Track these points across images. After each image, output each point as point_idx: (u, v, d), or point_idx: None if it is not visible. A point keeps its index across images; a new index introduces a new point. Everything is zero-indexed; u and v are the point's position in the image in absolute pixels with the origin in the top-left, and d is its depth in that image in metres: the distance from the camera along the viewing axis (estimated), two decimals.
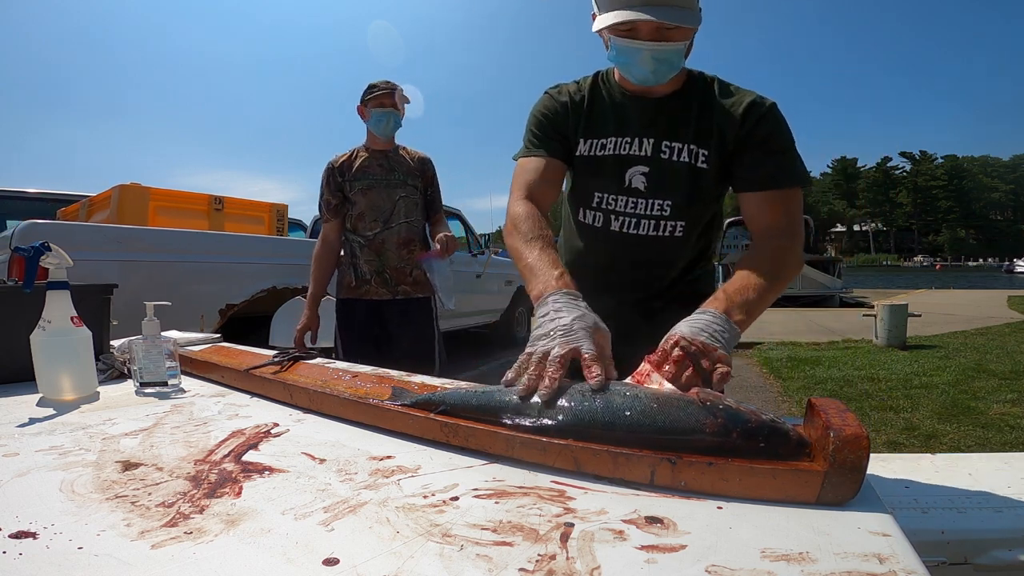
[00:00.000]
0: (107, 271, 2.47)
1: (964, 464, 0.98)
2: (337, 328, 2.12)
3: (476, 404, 0.63)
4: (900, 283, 25.20)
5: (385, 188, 2.05)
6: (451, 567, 0.38)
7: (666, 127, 0.98)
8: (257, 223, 4.14)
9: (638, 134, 0.99)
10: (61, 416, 0.79)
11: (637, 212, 1.02)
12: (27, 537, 0.43)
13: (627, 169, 1.00)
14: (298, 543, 0.42)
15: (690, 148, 0.97)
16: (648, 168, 0.99)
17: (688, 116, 0.97)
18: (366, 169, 2.06)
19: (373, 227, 2.04)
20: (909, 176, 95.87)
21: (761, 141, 0.93)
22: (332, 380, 0.84)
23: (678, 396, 0.57)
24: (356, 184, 2.05)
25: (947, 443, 2.75)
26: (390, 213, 2.05)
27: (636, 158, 0.99)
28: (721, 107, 0.95)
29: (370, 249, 2.04)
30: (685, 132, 0.97)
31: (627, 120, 0.99)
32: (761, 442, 0.50)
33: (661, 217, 1.02)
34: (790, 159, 0.93)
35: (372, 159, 2.07)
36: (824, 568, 0.37)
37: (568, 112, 1.03)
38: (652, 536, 0.42)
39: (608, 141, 1.00)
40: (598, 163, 1.02)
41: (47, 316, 0.88)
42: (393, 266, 2.05)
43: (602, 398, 0.57)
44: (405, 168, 2.10)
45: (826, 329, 7.25)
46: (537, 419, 0.58)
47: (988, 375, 4.15)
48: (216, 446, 0.65)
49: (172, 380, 0.96)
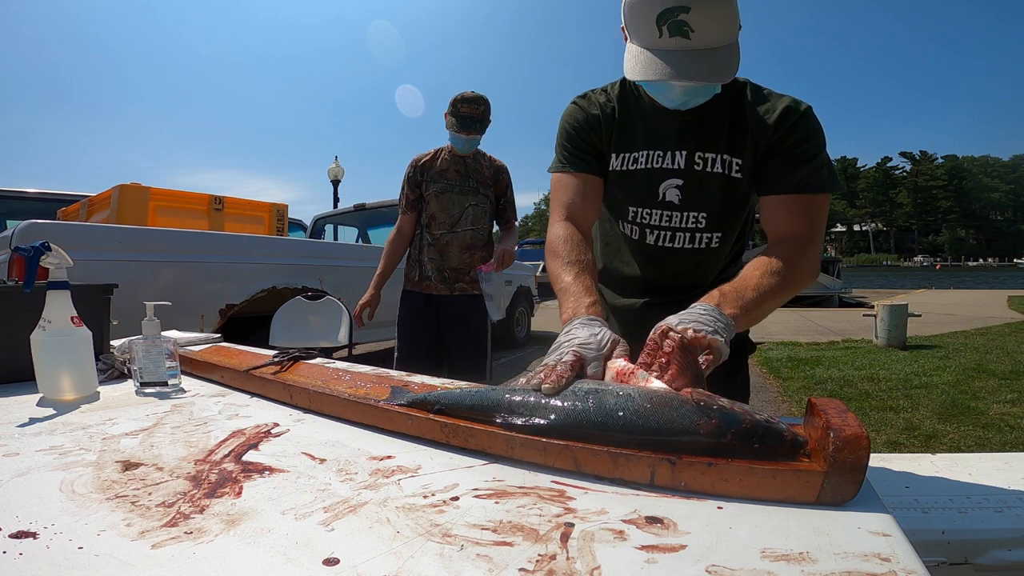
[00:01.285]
0: (107, 271, 2.47)
1: (964, 464, 0.98)
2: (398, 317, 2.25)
3: (470, 403, 0.63)
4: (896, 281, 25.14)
5: (458, 194, 2.16)
6: (451, 567, 0.38)
7: (699, 138, 0.94)
8: (257, 223, 4.14)
9: (670, 147, 0.96)
10: (61, 416, 0.79)
11: (672, 225, 1.00)
12: (27, 537, 0.43)
13: (660, 183, 0.98)
14: (298, 543, 0.41)
15: (724, 158, 0.94)
16: (682, 181, 0.96)
17: (721, 125, 0.94)
18: (443, 172, 2.17)
19: (441, 228, 2.16)
20: (909, 176, 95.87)
21: (791, 147, 0.90)
22: (332, 380, 0.84)
23: (672, 395, 0.56)
24: (432, 186, 2.16)
25: (947, 443, 2.76)
26: (458, 218, 2.16)
27: (669, 171, 0.96)
28: (755, 114, 0.92)
29: (435, 248, 2.17)
30: (718, 142, 0.94)
31: (659, 133, 0.97)
32: (756, 442, 0.50)
33: (696, 229, 1.00)
34: (819, 164, 0.90)
35: (452, 163, 2.18)
36: (824, 568, 0.37)
37: (600, 124, 1.00)
38: (652, 536, 0.42)
39: (640, 155, 0.98)
40: (631, 177, 0.99)
41: (47, 316, 0.88)
42: (453, 267, 2.17)
43: (595, 398, 0.57)
44: (479, 176, 2.20)
45: (826, 329, 7.26)
46: (529, 418, 0.58)
47: (988, 375, 4.15)
48: (216, 446, 0.65)
49: (172, 380, 0.96)
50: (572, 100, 1.04)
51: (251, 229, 4.00)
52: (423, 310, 2.20)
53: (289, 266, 3.53)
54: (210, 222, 3.73)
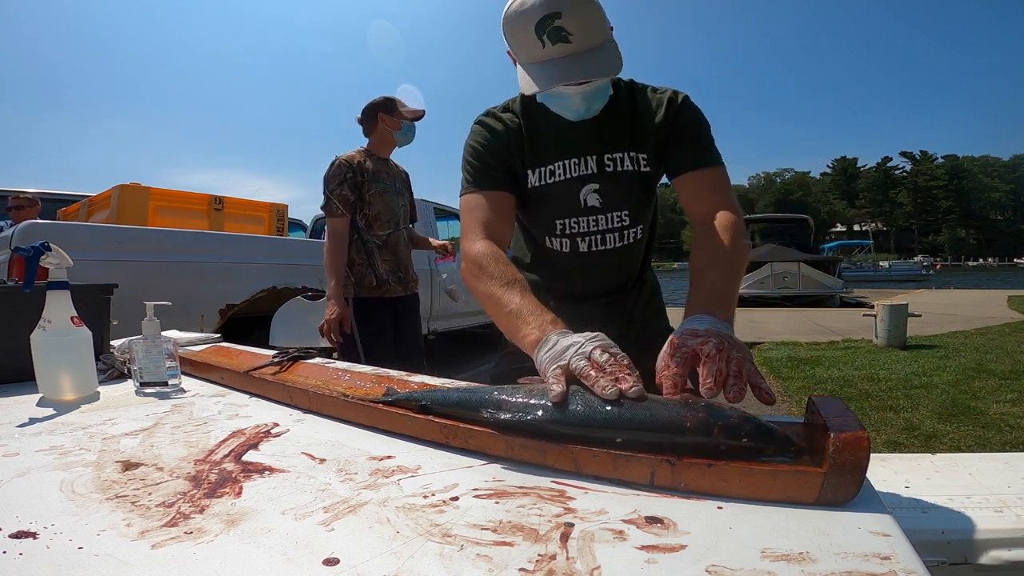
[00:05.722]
0: (107, 271, 2.47)
1: (964, 464, 0.99)
2: (356, 327, 2.16)
3: (456, 400, 0.64)
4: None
5: (394, 194, 2.23)
6: (451, 567, 0.38)
7: (605, 140, 1.00)
8: (257, 223, 4.14)
9: (581, 153, 1.00)
10: (61, 416, 0.79)
11: (600, 228, 1.04)
12: (27, 537, 0.43)
13: (580, 190, 1.02)
14: (298, 543, 0.41)
15: (631, 155, 1.00)
16: (599, 184, 1.01)
17: (621, 125, 0.99)
18: (378, 173, 2.19)
19: (386, 228, 2.19)
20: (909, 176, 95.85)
21: (684, 128, 0.97)
22: (332, 380, 0.84)
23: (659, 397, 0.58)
24: (374, 186, 2.16)
25: (947, 443, 2.75)
26: (399, 217, 2.24)
27: (586, 177, 1.00)
28: (647, 108, 0.99)
29: (387, 249, 2.19)
30: (622, 141, 1.00)
31: (568, 141, 1.00)
32: (744, 437, 0.50)
33: (623, 227, 1.05)
34: (710, 141, 0.98)
35: (380, 165, 2.22)
36: (824, 568, 0.37)
37: (508, 141, 1.01)
38: (652, 536, 0.42)
39: (556, 167, 1.01)
40: (552, 190, 1.02)
41: (47, 316, 0.88)
42: (404, 264, 2.25)
43: (583, 396, 0.57)
44: (400, 178, 2.31)
45: (826, 329, 7.25)
46: (516, 414, 0.58)
47: (988, 375, 4.15)
48: (216, 446, 0.65)
49: (172, 380, 0.96)
50: (476, 119, 1.05)
51: (251, 229, 3.99)
52: (383, 315, 2.19)
53: (289, 266, 3.52)
54: (210, 222, 3.73)
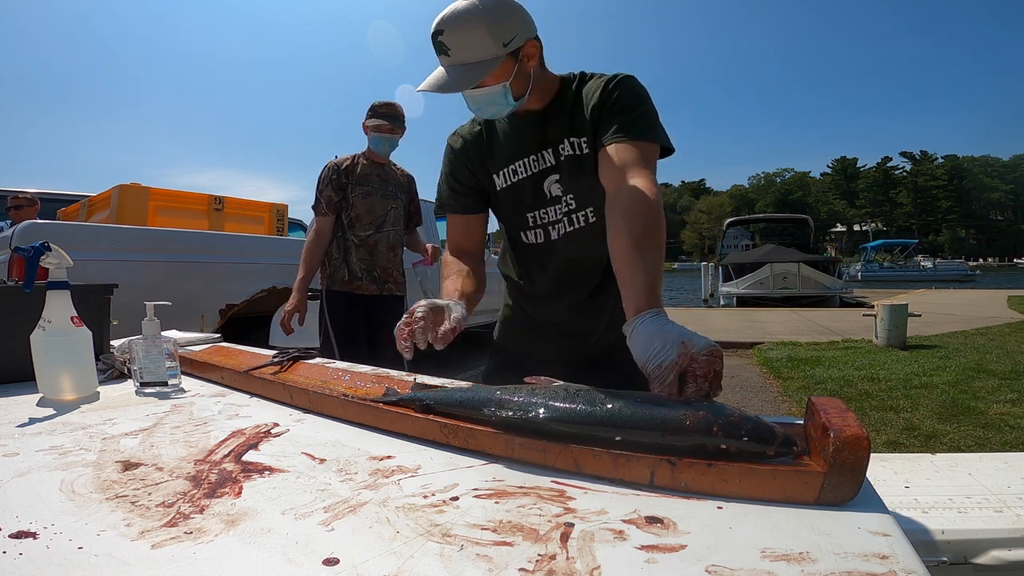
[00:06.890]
0: (107, 271, 2.47)
1: (964, 464, 0.99)
2: (328, 319, 2.31)
3: (459, 399, 0.64)
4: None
5: (381, 197, 2.33)
6: (451, 567, 0.38)
7: (554, 133, 1.05)
8: (257, 223, 4.14)
9: (536, 149, 1.07)
10: (61, 416, 0.79)
11: (565, 212, 1.10)
12: (27, 537, 0.43)
13: (543, 182, 1.08)
14: (298, 543, 0.41)
15: (571, 141, 1.04)
16: (558, 175, 1.07)
17: (564, 116, 1.05)
18: (366, 176, 2.31)
19: (367, 229, 2.30)
20: (909, 176, 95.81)
21: (614, 102, 0.99)
22: (332, 380, 0.84)
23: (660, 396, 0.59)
24: (358, 188, 2.31)
25: (947, 443, 2.75)
26: (383, 219, 2.33)
27: (547, 170, 1.07)
28: (587, 94, 1.03)
29: (364, 249, 2.30)
30: (563, 130, 1.05)
31: (523, 139, 1.07)
32: (745, 435, 0.50)
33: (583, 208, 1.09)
34: (639, 115, 0.97)
35: (371, 168, 2.34)
36: (824, 568, 0.37)
37: (468, 157, 1.12)
38: (652, 536, 0.42)
39: (518, 165, 1.08)
40: (520, 188, 1.09)
41: (47, 316, 0.88)
42: (382, 266, 2.33)
43: (585, 396, 0.58)
44: (396, 182, 2.40)
45: (826, 329, 7.25)
46: (516, 412, 0.58)
47: (988, 375, 4.15)
48: (216, 446, 0.65)
49: (172, 380, 0.96)
50: (447, 139, 1.17)
51: (251, 229, 3.99)
52: (353, 310, 2.29)
53: (289, 266, 3.52)
54: (210, 222, 3.72)
